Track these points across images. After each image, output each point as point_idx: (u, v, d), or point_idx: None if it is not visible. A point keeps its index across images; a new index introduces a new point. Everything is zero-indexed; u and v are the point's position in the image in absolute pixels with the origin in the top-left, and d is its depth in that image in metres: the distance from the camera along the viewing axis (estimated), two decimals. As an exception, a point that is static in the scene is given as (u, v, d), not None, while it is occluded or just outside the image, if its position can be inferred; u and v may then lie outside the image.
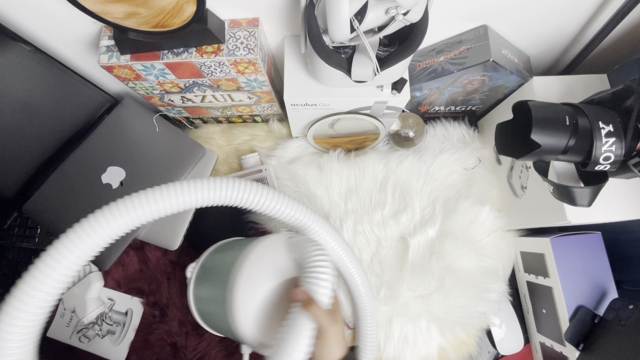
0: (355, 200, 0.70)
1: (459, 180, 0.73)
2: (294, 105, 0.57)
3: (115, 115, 0.68)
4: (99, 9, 0.43)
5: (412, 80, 0.62)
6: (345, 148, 0.73)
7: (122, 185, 0.65)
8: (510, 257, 0.72)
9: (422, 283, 0.65)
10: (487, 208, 0.70)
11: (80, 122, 0.67)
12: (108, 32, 0.52)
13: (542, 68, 0.71)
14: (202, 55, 0.51)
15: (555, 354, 0.63)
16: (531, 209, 0.63)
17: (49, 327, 0.67)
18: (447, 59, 0.59)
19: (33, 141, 0.63)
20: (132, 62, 0.52)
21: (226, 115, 0.72)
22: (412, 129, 0.71)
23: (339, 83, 0.51)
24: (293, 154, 0.73)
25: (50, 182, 0.65)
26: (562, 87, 0.58)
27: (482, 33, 0.56)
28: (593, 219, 0.53)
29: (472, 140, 0.75)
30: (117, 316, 0.67)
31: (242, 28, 0.52)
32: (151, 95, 0.62)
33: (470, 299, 0.66)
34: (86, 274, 0.66)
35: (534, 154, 0.46)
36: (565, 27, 0.59)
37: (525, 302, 0.71)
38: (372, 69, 0.45)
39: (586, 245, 0.62)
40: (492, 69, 0.57)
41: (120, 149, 0.66)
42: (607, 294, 0.60)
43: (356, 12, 0.39)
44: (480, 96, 0.67)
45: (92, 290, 0.64)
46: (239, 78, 0.56)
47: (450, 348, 0.67)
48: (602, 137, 0.44)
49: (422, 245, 0.68)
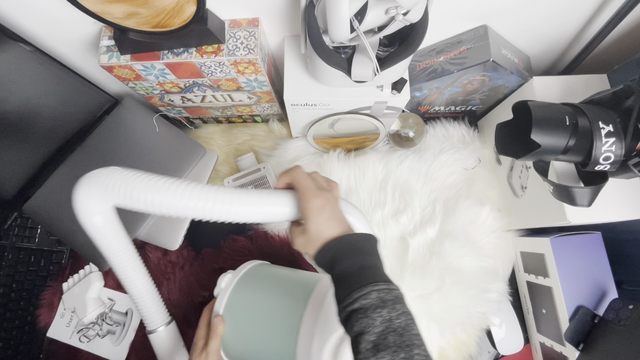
0: (355, 200, 0.70)
1: (459, 180, 0.73)
2: (294, 105, 0.57)
3: (115, 115, 0.68)
4: (99, 9, 0.43)
5: (412, 80, 0.62)
6: (345, 148, 0.73)
7: (122, 185, 0.65)
8: (510, 257, 0.72)
9: (422, 283, 0.65)
10: (487, 208, 0.70)
11: (80, 122, 0.67)
12: (108, 32, 0.52)
13: (542, 68, 0.71)
14: (202, 55, 0.51)
15: (555, 354, 0.63)
16: (531, 209, 0.63)
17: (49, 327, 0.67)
18: (447, 59, 0.59)
19: (33, 141, 0.63)
20: (132, 62, 0.52)
21: (226, 115, 0.72)
22: (412, 129, 0.71)
23: (339, 83, 0.51)
24: (293, 154, 0.73)
25: (50, 182, 0.65)
26: (562, 87, 0.58)
27: (482, 33, 0.56)
28: (593, 219, 0.53)
29: (472, 140, 0.75)
30: (117, 316, 0.67)
31: (242, 28, 0.52)
32: (151, 95, 0.62)
33: (470, 299, 0.66)
34: (86, 274, 0.66)
35: (534, 154, 0.46)
36: (565, 27, 0.59)
37: (525, 302, 0.71)
38: (372, 69, 0.45)
39: (586, 245, 0.62)
40: (492, 69, 0.57)
41: (120, 149, 0.66)
42: (607, 294, 0.60)
43: (356, 12, 0.39)
44: (480, 96, 0.67)
45: (92, 290, 0.64)
46: (239, 78, 0.56)
47: (450, 348, 0.67)
48: (602, 137, 0.44)
49: (422, 245, 0.68)
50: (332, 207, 0.38)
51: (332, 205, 0.38)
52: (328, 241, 0.36)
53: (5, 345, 0.65)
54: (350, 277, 0.34)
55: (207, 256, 0.70)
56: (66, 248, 0.70)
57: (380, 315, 0.31)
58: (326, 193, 0.38)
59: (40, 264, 0.69)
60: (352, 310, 0.32)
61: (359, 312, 0.32)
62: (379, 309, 0.31)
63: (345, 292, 0.33)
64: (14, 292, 0.67)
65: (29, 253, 0.69)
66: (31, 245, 0.69)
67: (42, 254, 0.69)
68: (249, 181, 0.71)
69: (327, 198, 0.38)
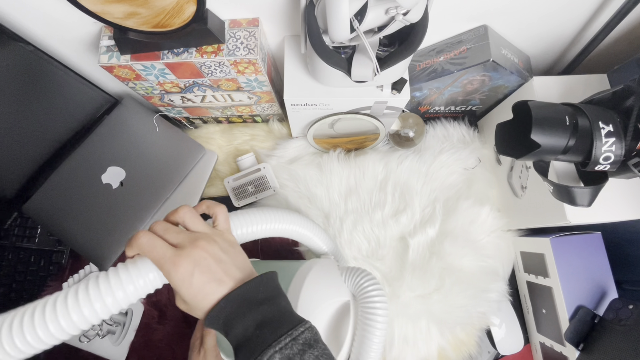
0: (355, 200, 0.70)
1: (459, 180, 0.73)
2: (294, 105, 0.57)
3: (115, 115, 0.68)
4: (99, 9, 0.43)
5: (412, 80, 0.62)
6: (345, 148, 0.73)
7: (122, 185, 0.65)
8: (510, 257, 0.72)
9: (422, 283, 0.65)
10: (487, 208, 0.70)
11: (80, 122, 0.67)
12: (108, 32, 0.52)
13: (542, 68, 0.71)
14: (202, 55, 0.51)
15: (555, 354, 0.63)
16: (531, 209, 0.63)
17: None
18: (447, 59, 0.59)
19: (33, 141, 0.63)
20: (132, 62, 0.52)
21: (226, 115, 0.72)
22: (412, 129, 0.71)
23: (339, 83, 0.51)
24: (293, 154, 0.73)
25: (50, 182, 0.65)
26: (562, 87, 0.58)
27: (482, 33, 0.56)
28: (593, 219, 0.53)
29: (472, 140, 0.75)
30: (117, 316, 0.67)
31: (242, 28, 0.52)
32: (151, 95, 0.62)
33: (470, 299, 0.66)
34: (86, 274, 0.66)
35: (534, 154, 0.46)
36: (565, 27, 0.59)
37: (525, 302, 0.71)
38: (372, 69, 0.45)
39: (586, 245, 0.62)
40: (492, 69, 0.57)
41: (120, 149, 0.66)
42: (607, 294, 0.60)
43: (356, 12, 0.39)
44: (480, 96, 0.67)
45: (92, 290, 0.64)
46: (239, 78, 0.56)
47: (450, 348, 0.67)
48: (602, 137, 0.44)
49: (422, 245, 0.68)
50: (205, 264, 0.30)
51: (204, 264, 0.30)
52: (212, 307, 0.30)
53: (5, 345, 0.65)
54: (248, 344, 0.29)
55: (207, 256, 0.70)
56: (66, 248, 0.70)
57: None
58: (190, 250, 0.30)
59: (40, 264, 0.69)
60: None
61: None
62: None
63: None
64: (14, 292, 0.67)
65: (29, 253, 0.69)
66: (31, 245, 0.69)
67: (42, 254, 0.69)
68: (249, 181, 0.71)
69: (193, 257, 0.30)
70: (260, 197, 0.72)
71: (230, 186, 0.72)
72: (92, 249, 0.64)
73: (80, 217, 0.64)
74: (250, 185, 0.71)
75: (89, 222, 0.64)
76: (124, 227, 0.65)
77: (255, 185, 0.71)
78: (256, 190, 0.71)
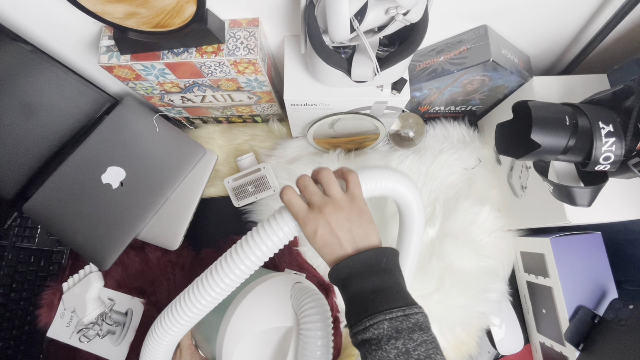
0: (355, 200, 0.70)
1: (459, 180, 0.73)
2: (294, 105, 0.57)
3: (115, 115, 0.68)
4: (99, 9, 0.43)
5: (412, 80, 0.62)
6: (345, 148, 0.73)
7: (122, 185, 0.65)
8: (510, 257, 0.72)
9: (422, 283, 0.65)
10: (487, 208, 0.70)
11: (80, 122, 0.67)
12: (108, 32, 0.52)
13: (542, 68, 0.71)
14: (202, 55, 0.51)
15: (555, 354, 0.63)
16: (531, 209, 0.63)
17: (49, 327, 0.67)
18: (447, 59, 0.59)
19: (33, 141, 0.63)
20: (132, 62, 0.52)
21: (226, 115, 0.72)
22: (412, 129, 0.71)
23: (339, 83, 0.51)
24: (293, 153, 0.73)
25: (50, 182, 0.65)
26: (562, 87, 0.58)
27: (482, 33, 0.56)
28: (593, 219, 0.53)
29: (472, 140, 0.75)
30: (117, 316, 0.67)
31: (242, 28, 0.52)
32: (151, 95, 0.62)
33: (470, 299, 0.66)
34: (86, 274, 0.66)
35: (534, 154, 0.46)
36: (565, 27, 0.59)
37: (525, 302, 0.71)
38: (372, 69, 0.45)
39: (586, 245, 0.62)
40: (492, 69, 0.57)
41: (120, 149, 0.66)
42: (607, 294, 0.60)
43: (356, 12, 0.39)
44: (480, 96, 0.67)
45: (92, 290, 0.64)
46: (239, 78, 0.56)
47: (450, 348, 0.67)
48: (602, 137, 0.44)
49: (422, 245, 0.68)
50: (327, 229, 0.34)
51: (325, 228, 0.34)
52: (337, 261, 0.33)
53: (5, 345, 0.65)
54: (362, 302, 0.31)
55: (207, 256, 0.70)
56: (66, 248, 0.70)
57: (395, 348, 0.29)
58: (316, 214, 0.34)
59: (40, 264, 0.69)
60: (363, 340, 0.30)
61: (372, 342, 0.30)
62: (393, 340, 0.29)
63: (356, 317, 0.31)
64: (14, 292, 0.66)
65: (29, 253, 0.69)
66: (31, 245, 0.69)
67: (42, 254, 0.69)
68: (249, 181, 0.71)
69: (317, 221, 0.34)
70: (260, 197, 0.72)
71: (230, 186, 0.72)
72: (92, 249, 0.64)
73: (80, 217, 0.64)
74: (250, 185, 0.71)
75: (89, 222, 0.64)
76: (124, 227, 0.65)
77: (255, 185, 0.71)
78: (256, 190, 0.71)
